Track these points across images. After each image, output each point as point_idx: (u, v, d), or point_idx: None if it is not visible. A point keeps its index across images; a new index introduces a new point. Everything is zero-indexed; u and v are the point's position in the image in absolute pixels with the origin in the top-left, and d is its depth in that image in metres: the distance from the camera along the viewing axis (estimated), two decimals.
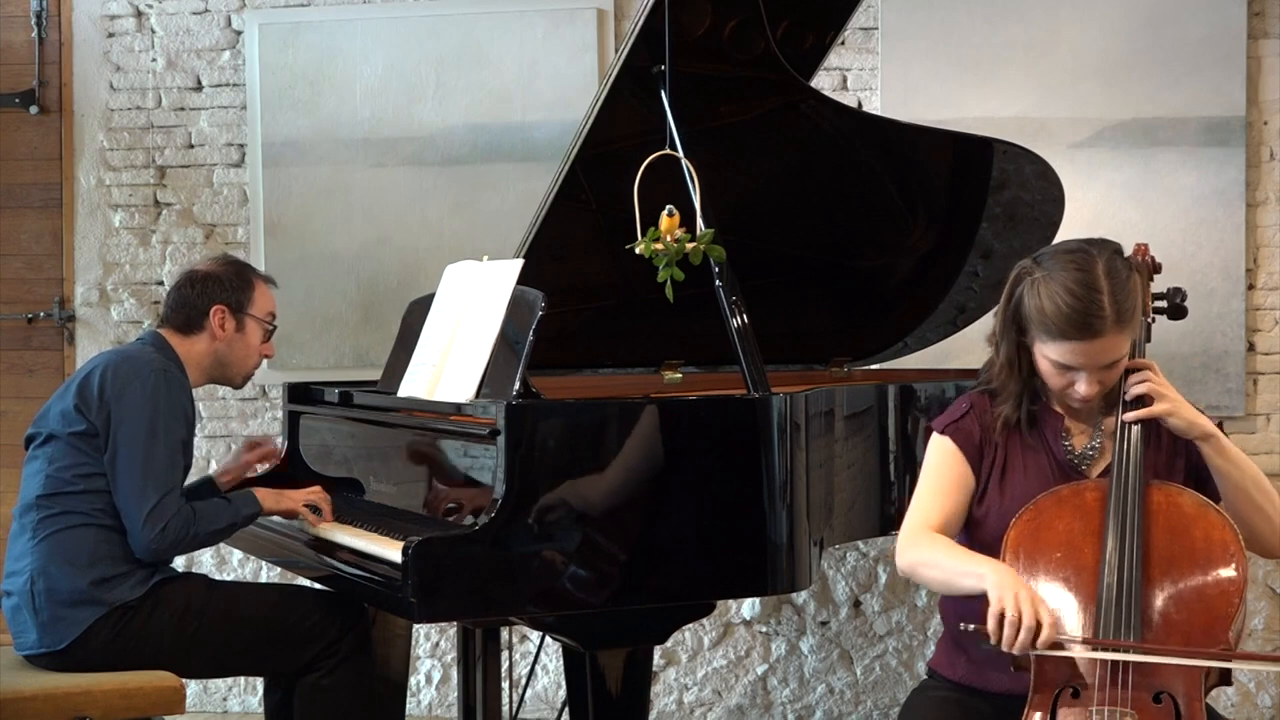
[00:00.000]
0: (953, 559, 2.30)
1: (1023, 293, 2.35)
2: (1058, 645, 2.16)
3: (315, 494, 3.12)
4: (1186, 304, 2.54)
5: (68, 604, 2.92)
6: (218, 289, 3.16)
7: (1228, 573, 2.22)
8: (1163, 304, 2.53)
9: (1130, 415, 2.34)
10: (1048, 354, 2.33)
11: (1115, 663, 2.15)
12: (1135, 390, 2.35)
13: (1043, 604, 2.17)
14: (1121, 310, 2.28)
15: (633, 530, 2.65)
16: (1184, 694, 2.15)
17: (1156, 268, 2.53)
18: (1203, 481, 2.40)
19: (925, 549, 2.34)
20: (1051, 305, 2.28)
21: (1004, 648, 2.14)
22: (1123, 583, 2.20)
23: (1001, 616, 2.13)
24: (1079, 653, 2.18)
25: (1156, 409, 2.33)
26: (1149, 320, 2.49)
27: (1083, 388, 2.32)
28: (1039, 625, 2.13)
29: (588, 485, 2.63)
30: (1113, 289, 2.28)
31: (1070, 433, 2.43)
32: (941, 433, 2.45)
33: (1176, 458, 2.41)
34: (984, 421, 2.44)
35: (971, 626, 2.17)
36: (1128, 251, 2.46)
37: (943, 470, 2.43)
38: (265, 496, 3.11)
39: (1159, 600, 2.22)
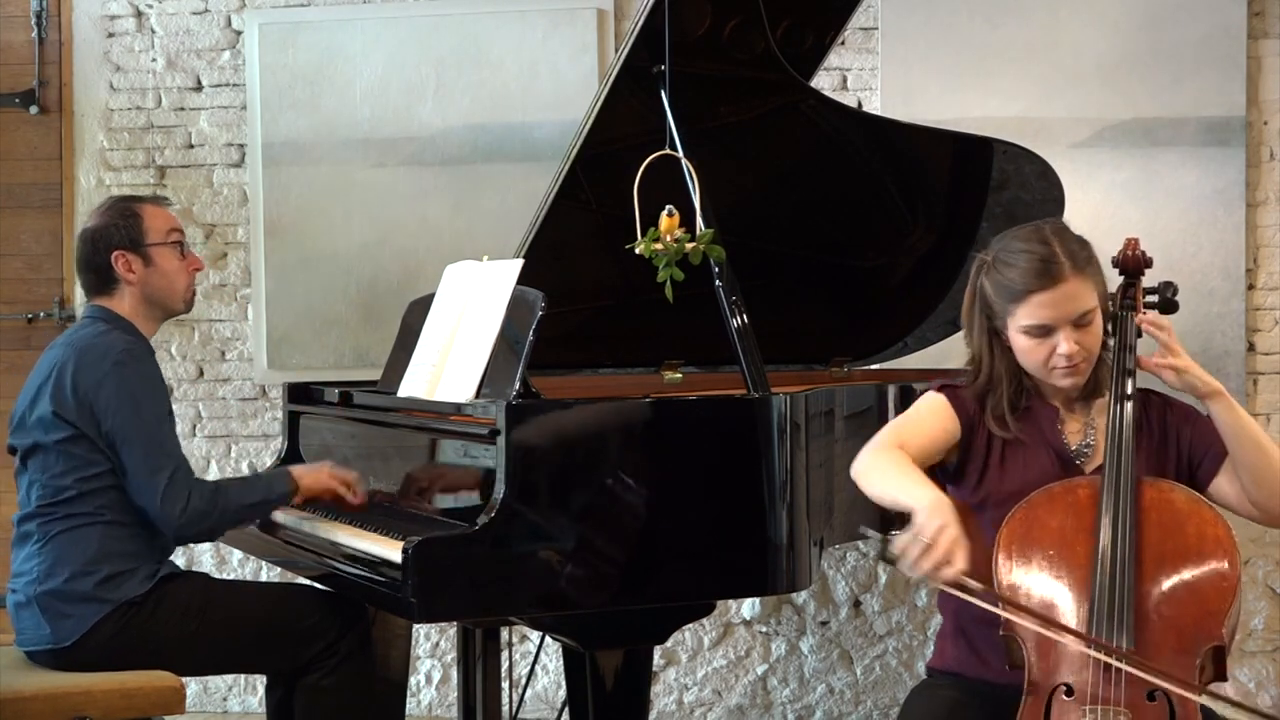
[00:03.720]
0: (901, 474, 2.30)
1: (983, 279, 2.42)
2: (960, 587, 2.15)
3: (351, 477, 3.10)
4: (1178, 298, 2.53)
5: (75, 601, 2.92)
6: (108, 237, 3.09)
7: (1221, 568, 2.22)
8: (1154, 298, 2.53)
9: (1146, 360, 2.35)
10: (1021, 322, 2.36)
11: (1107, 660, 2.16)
12: (1160, 335, 2.35)
13: (962, 547, 2.14)
14: (1075, 256, 2.35)
15: (633, 530, 2.65)
16: (1177, 693, 2.15)
17: (1147, 262, 2.53)
18: (1195, 467, 2.42)
19: (882, 457, 2.35)
20: (1010, 268, 2.36)
21: (905, 565, 2.13)
22: (1115, 579, 2.20)
23: (916, 535, 2.13)
24: (981, 602, 2.18)
25: (1177, 361, 2.34)
26: (1140, 315, 2.49)
27: (1063, 346, 2.34)
28: (948, 562, 2.12)
29: (587, 485, 2.63)
30: (1062, 240, 2.38)
31: (1065, 424, 2.44)
32: (938, 391, 2.48)
33: (1167, 445, 2.43)
34: (980, 404, 2.45)
35: (873, 533, 2.19)
36: (1118, 246, 2.51)
37: (928, 415, 2.45)
38: (301, 475, 3.06)
39: (1152, 596, 2.22)
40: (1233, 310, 4.15)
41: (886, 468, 2.33)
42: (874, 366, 3.97)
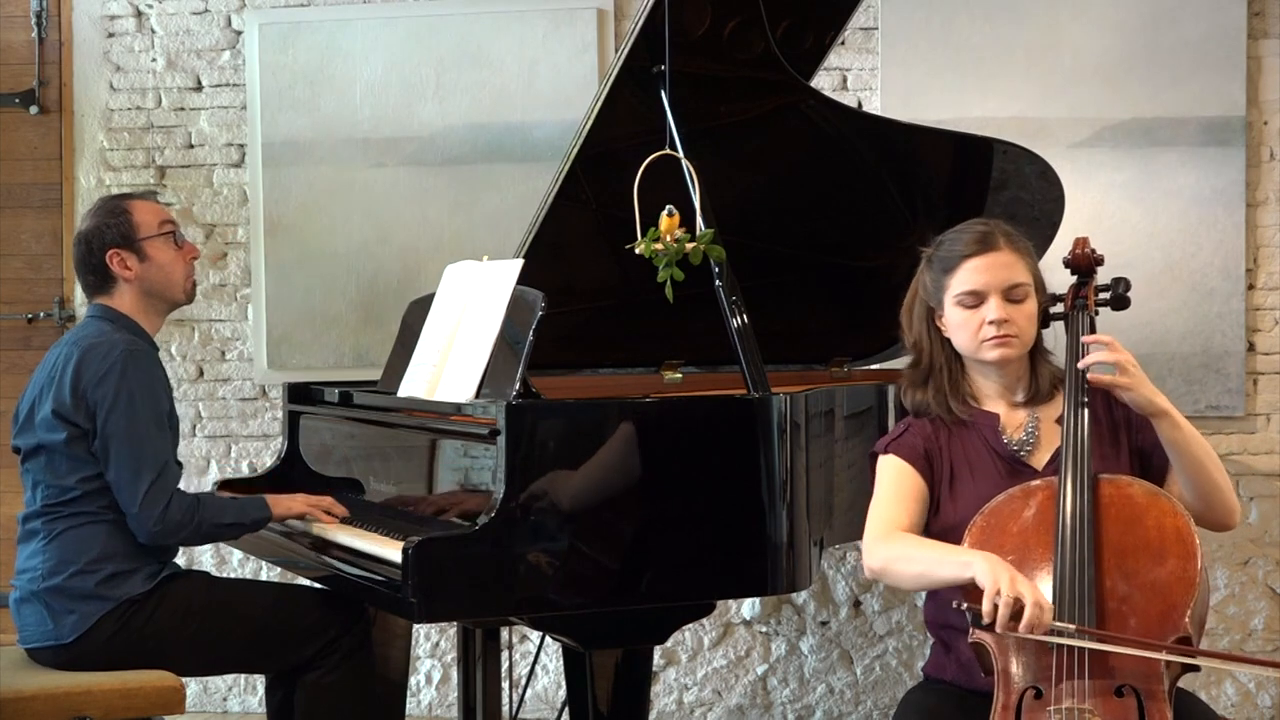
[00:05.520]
0: (932, 551, 2.32)
1: (924, 270, 2.52)
2: (1048, 631, 2.16)
3: (325, 502, 3.12)
4: (1130, 294, 2.53)
5: (77, 598, 2.93)
6: (101, 237, 3.08)
7: (1182, 561, 2.22)
8: (1106, 295, 2.53)
9: (1096, 377, 2.37)
10: (955, 291, 2.43)
11: (1071, 658, 2.15)
12: (1100, 356, 2.36)
13: (1036, 588, 2.17)
14: (1010, 235, 2.46)
15: (633, 530, 2.65)
16: (1145, 686, 2.15)
17: (1098, 260, 2.54)
18: (1146, 456, 2.43)
19: (899, 545, 2.36)
20: (951, 243, 2.48)
21: (998, 628, 2.14)
22: (1076, 577, 2.21)
23: (997, 594, 2.14)
24: (1062, 640, 2.17)
25: (1122, 380, 2.34)
26: (1093, 313, 2.50)
27: (992, 312, 2.40)
28: (1028, 604, 2.12)
29: (587, 485, 2.63)
30: (999, 224, 2.50)
31: (1006, 427, 2.45)
32: (885, 452, 2.50)
33: (1118, 438, 2.44)
34: (925, 434, 2.49)
35: (965, 605, 2.18)
36: (1068, 246, 2.57)
37: (896, 482, 2.47)
38: (276, 503, 3.09)
39: (1115, 591, 2.22)
40: (1233, 310, 4.15)
41: (911, 553, 2.33)
42: (874, 366, 3.97)
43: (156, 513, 2.91)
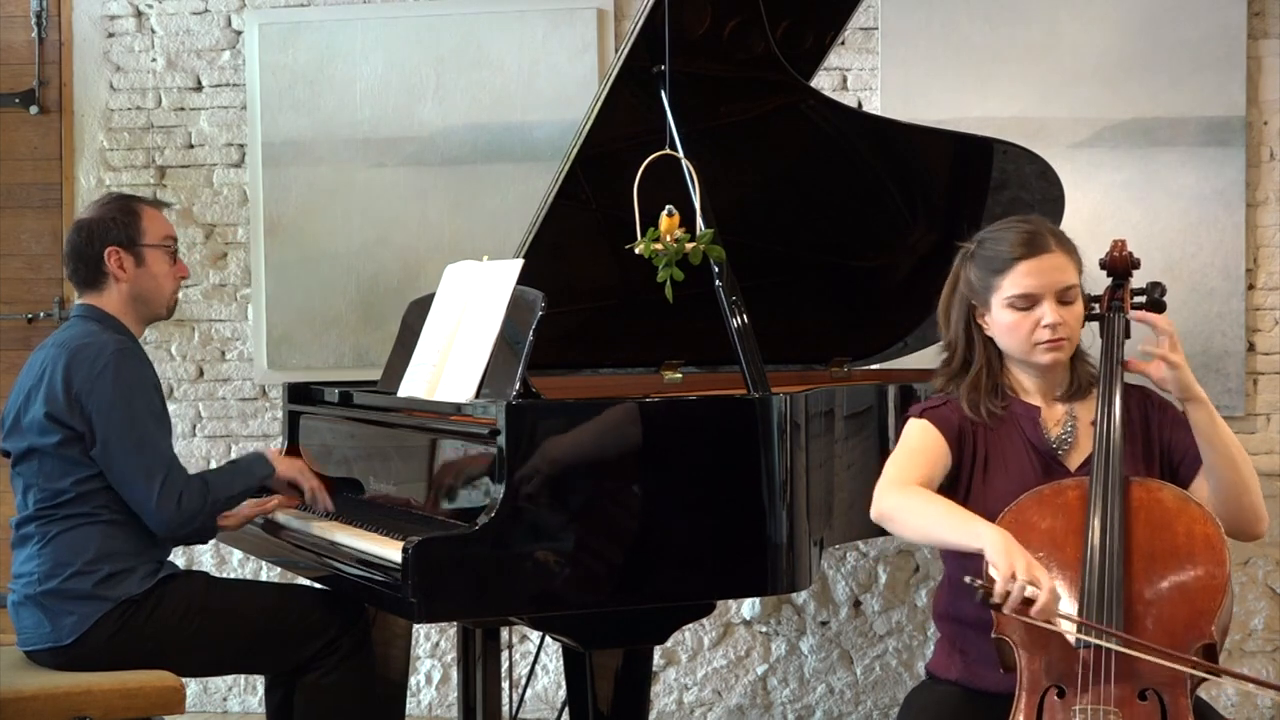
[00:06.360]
0: (945, 510, 2.28)
1: (966, 266, 2.48)
2: (1051, 619, 2.15)
3: (316, 483, 3.14)
4: (1165, 299, 2.53)
5: (75, 600, 2.93)
6: (104, 231, 3.06)
7: (1210, 567, 2.22)
8: (1142, 299, 2.53)
9: (1142, 354, 2.36)
10: (1007, 293, 2.39)
11: (1098, 659, 2.15)
12: (1163, 324, 2.36)
13: (1044, 571, 2.15)
14: (1057, 234, 2.44)
15: (632, 530, 2.65)
16: (1169, 691, 2.15)
17: (1135, 263, 2.53)
18: (1174, 462, 2.43)
19: (912, 496, 2.33)
20: (997, 242, 2.43)
21: (1007, 609, 2.12)
22: (1105, 579, 2.20)
23: (1012, 578, 2.11)
24: (1067, 628, 2.17)
25: (1173, 355, 2.34)
26: (1129, 316, 2.49)
27: (1047, 317, 2.38)
28: (1043, 590, 2.11)
29: (587, 485, 2.63)
30: (1043, 221, 2.48)
31: (1046, 421, 2.44)
32: (919, 417, 2.47)
33: (1151, 442, 2.44)
34: (962, 414, 2.46)
35: (978, 581, 2.15)
36: (1104, 249, 2.54)
37: (920, 444, 2.44)
38: (278, 460, 3.13)
39: (1142, 595, 2.22)
40: (1233, 310, 4.16)
41: (924, 507, 2.31)
42: (874, 366, 3.97)
43: (173, 508, 2.93)
